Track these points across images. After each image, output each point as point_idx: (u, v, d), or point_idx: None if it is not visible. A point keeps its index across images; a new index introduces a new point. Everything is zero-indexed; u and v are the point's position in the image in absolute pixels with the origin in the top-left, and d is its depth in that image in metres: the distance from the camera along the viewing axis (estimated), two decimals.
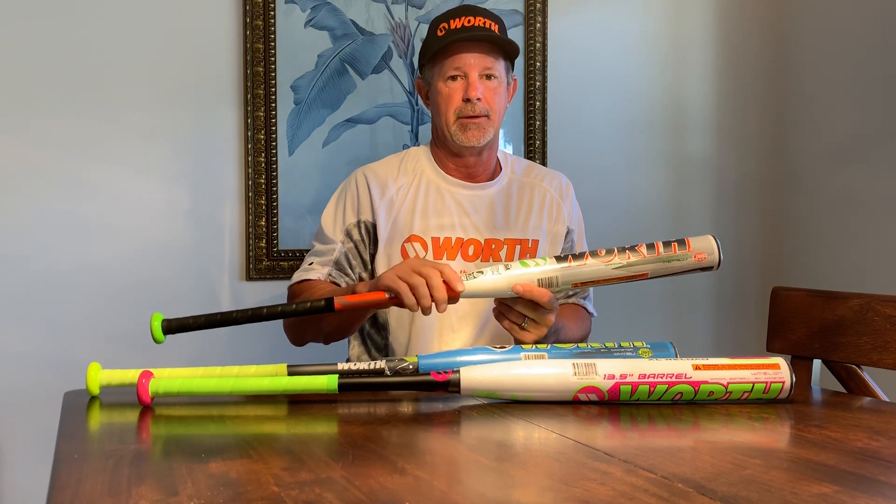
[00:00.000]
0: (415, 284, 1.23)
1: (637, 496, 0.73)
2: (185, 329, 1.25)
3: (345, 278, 1.58)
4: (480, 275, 1.26)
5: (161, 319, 1.25)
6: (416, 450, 0.95)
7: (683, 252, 1.27)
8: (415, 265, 1.25)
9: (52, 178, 1.97)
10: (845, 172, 2.43)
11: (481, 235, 1.59)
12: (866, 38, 2.36)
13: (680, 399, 1.13)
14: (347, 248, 1.59)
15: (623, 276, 1.28)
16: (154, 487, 0.76)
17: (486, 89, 1.54)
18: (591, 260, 1.28)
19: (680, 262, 1.28)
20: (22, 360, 1.95)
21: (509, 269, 1.27)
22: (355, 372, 1.17)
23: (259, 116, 2.11)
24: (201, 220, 2.10)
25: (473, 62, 1.53)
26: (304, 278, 1.57)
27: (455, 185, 1.62)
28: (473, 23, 1.53)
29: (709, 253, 1.28)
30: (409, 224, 1.58)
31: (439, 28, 1.56)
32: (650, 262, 1.27)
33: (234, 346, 2.10)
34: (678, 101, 2.53)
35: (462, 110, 1.54)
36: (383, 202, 1.59)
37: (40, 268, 1.97)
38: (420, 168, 1.63)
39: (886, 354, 1.37)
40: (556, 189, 1.69)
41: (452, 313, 1.56)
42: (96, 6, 2.00)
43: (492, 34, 1.54)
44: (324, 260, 1.58)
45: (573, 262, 1.28)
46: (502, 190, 1.65)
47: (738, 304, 2.61)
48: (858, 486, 0.78)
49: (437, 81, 1.57)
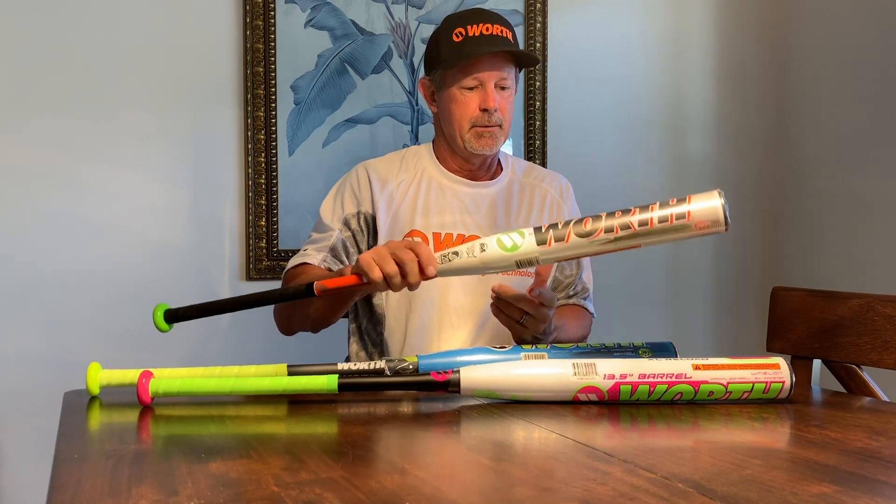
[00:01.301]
0: (389, 273, 1.21)
1: (637, 496, 0.73)
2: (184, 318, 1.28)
3: (339, 265, 1.57)
4: (455, 256, 1.22)
5: (165, 309, 1.28)
6: (416, 450, 0.95)
7: (682, 223, 1.14)
8: (392, 247, 1.23)
9: (52, 178, 1.98)
10: (845, 172, 2.43)
11: (482, 233, 1.60)
12: (866, 39, 2.36)
13: (680, 399, 1.13)
14: (345, 236, 1.59)
15: (610, 249, 1.17)
16: (154, 487, 0.76)
17: (501, 99, 1.55)
18: (573, 238, 1.17)
19: (678, 233, 1.15)
20: (22, 360, 1.95)
21: (485, 250, 1.19)
22: (355, 372, 1.17)
23: (259, 116, 2.11)
24: (201, 220, 2.10)
25: (492, 73, 1.53)
26: (299, 262, 1.57)
27: (457, 182, 1.63)
28: (492, 31, 1.53)
29: (713, 222, 1.13)
30: (410, 219, 1.59)
31: (455, 33, 1.54)
32: (642, 236, 1.15)
33: (234, 346, 2.10)
34: (678, 101, 2.53)
35: (478, 119, 1.55)
36: (383, 196, 1.59)
37: (40, 268, 1.97)
38: (422, 165, 1.64)
39: (886, 354, 1.37)
40: (557, 189, 1.70)
41: (452, 311, 1.56)
42: (96, 6, 2.00)
43: (513, 47, 1.55)
44: (319, 246, 1.58)
45: (554, 243, 1.17)
46: (503, 189, 1.66)
47: (738, 304, 2.61)
48: (858, 486, 0.78)
49: (451, 87, 1.56)
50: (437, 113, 1.63)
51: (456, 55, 1.53)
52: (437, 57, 1.57)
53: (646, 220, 1.15)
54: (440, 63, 1.56)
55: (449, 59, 1.54)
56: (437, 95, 1.61)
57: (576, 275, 1.69)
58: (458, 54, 1.53)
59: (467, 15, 1.57)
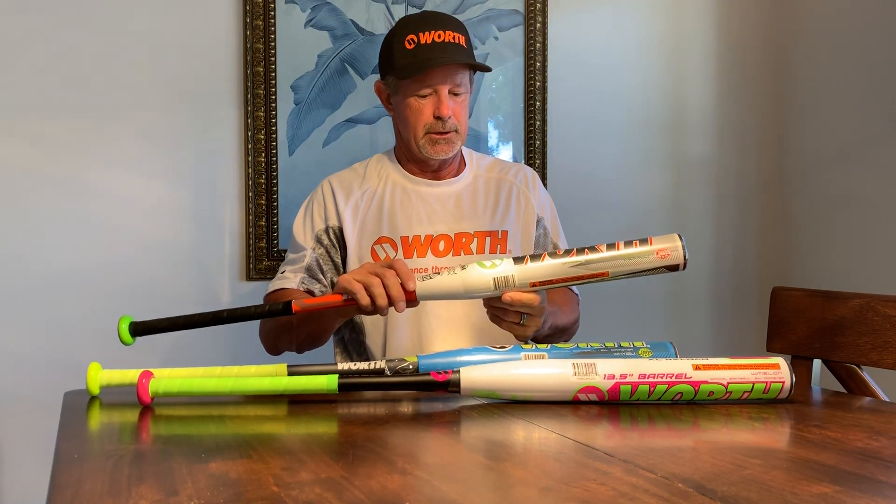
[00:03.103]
0: (370, 284, 1.23)
1: (637, 496, 0.73)
2: (151, 331, 1.25)
3: (317, 284, 1.60)
4: (437, 275, 1.25)
5: (129, 322, 1.26)
6: (416, 450, 0.95)
7: (645, 248, 1.23)
8: (369, 266, 1.26)
9: (52, 178, 1.98)
10: (845, 172, 2.43)
11: (451, 230, 1.61)
12: (866, 39, 2.36)
13: (680, 399, 1.13)
14: (318, 253, 1.61)
15: (582, 274, 1.24)
16: (154, 487, 0.76)
17: (455, 104, 1.56)
18: (547, 259, 1.25)
19: (642, 260, 1.23)
20: (22, 360, 1.95)
21: (465, 268, 1.25)
22: (355, 372, 1.17)
23: (259, 116, 2.11)
24: (201, 220, 2.10)
25: (444, 80, 1.54)
26: (278, 287, 1.59)
27: (420, 184, 1.64)
28: (444, 37, 1.53)
29: (672, 250, 1.23)
30: (377, 226, 1.60)
31: (407, 40, 1.54)
32: (609, 260, 1.24)
33: (234, 346, 2.10)
34: (678, 102, 2.53)
35: (432, 126, 1.56)
36: (349, 207, 1.61)
37: (40, 268, 1.97)
38: (385, 171, 1.66)
39: (886, 354, 1.37)
40: (522, 181, 1.71)
41: (433, 318, 1.57)
42: (96, 7, 2.00)
43: (464, 58, 1.55)
44: (296, 268, 1.61)
45: (529, 262, 1.25)
46: (468, 185, 1.67)
47: (738, 304, 2.61)
48: (858, 486, 0.78)
49: (405, 95, 1.56)
50: (394, 117, 1.64)
51: (408, 65, 1.53)
52: (391, 63, 1.57)
53: (613, 245, 1.25)
54: (393, 70, 1.56)
55: (401, 67, 1.54)
56: (392, 99, 1.62)
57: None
58: (410, 64, 1.53)
59: (419, 20, 1.57)
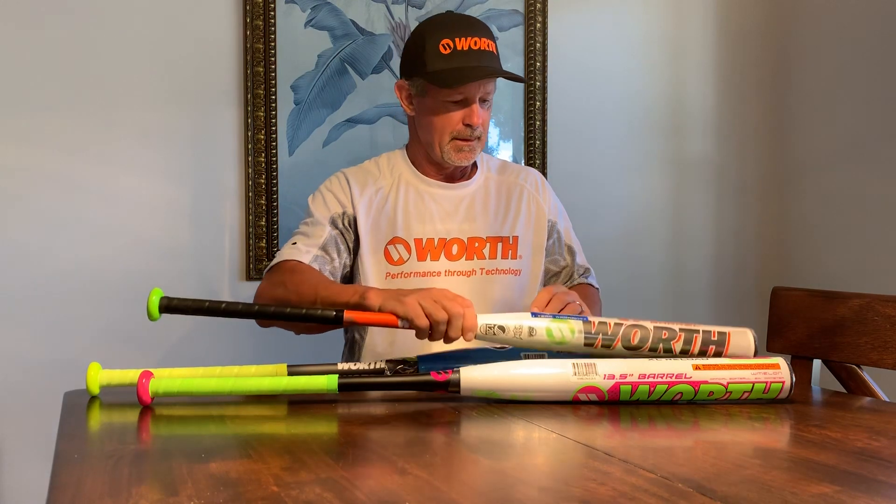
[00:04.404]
0: (437, 321, 1.22)
1: (637, 496, 0.73)
2: (182, 311, 1.23)
3: (329, 264, 1.57)
4: (501, 332, 1.21)
5: (161, 297, 1.23)
6: (416, 450, 0.95)
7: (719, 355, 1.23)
8: (442, 300, 1.23)
9: (52, 178, 1.97)
10: (846, 172, 2.43)
11: (464, 234, 1.61)
12: (866, 39, 2.36)
13: (680, 399, 1.13)
14: (335, 233, 1.60)
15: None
16: (154, 487, 0.76)
17: (483, 112, 1.57)
18: (619, 346, 1.22)
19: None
20: (22, 360, 1.95)
21: (533, 335, 1.20)
22: (355, 372, 1.17)
23: (259, 116, 2.11)
24: (201, 220, 2.10)
25: (478, 89, 1.54)
26: (289, 258, 1.55)
27: (434, 185, 1.64)
28: (479, 45, 1.53)
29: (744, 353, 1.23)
30: (391, 226, 1.59)
31: (442, 44, 1.52)
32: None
33: (234, 346, 2.10)
34: (678, 102, 2.53)
35: (461, 133, 1.56)
36: (363, 200, 1.61)
37: (40, 268, 1.97)
38: (398, 171, 1.65)
39: (886, 354, 1.37)
40: (532, 184, 1.71)
41: None
42: (96, 6, 2.00)
43: (499, 65, 1.56)
44: (310, 243, 1.57)
45: (600, 346, 1.22)
46: (480, 188, 1.67)
47: (738, 304, 2.61)
48: (858, 486, 0.78)
49: (434, 99, 1.55)
50: (414, 117, 1.62)
51: (445, 72, 1.51)
52: (422, 66, 1.54)
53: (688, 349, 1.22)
54: (426, 74, 1.54)
55: (437, 73, 1.52)
56: (415, 100, 1.60)
57: (571, 263, 1.72)
58: (446, 71, 1.51)
59: (453, 24, 1.56)
